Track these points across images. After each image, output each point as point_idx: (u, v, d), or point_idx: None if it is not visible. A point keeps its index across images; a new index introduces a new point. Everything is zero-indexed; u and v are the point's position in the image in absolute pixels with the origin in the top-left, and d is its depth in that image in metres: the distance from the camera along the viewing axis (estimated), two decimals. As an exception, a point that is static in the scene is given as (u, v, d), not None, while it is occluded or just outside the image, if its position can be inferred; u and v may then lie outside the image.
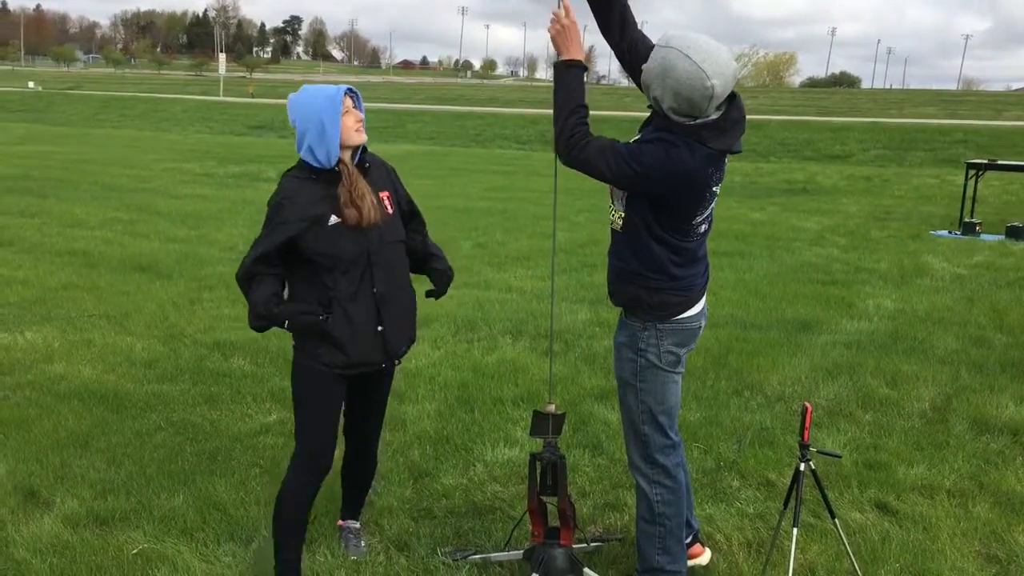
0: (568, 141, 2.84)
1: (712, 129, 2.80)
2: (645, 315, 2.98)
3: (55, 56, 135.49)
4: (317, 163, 2.96)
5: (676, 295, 2.96)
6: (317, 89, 2.98)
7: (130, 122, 36.02)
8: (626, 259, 3.00)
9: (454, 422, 4.81)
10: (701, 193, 2.86)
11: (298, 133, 2.97)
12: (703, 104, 2.74)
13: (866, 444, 4.57)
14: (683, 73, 2.70)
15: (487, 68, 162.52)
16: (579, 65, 2.90)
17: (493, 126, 30.70)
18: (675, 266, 2.94)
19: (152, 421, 4.79)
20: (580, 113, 2.86)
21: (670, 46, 2.74)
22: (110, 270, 8.44)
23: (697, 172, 2.79)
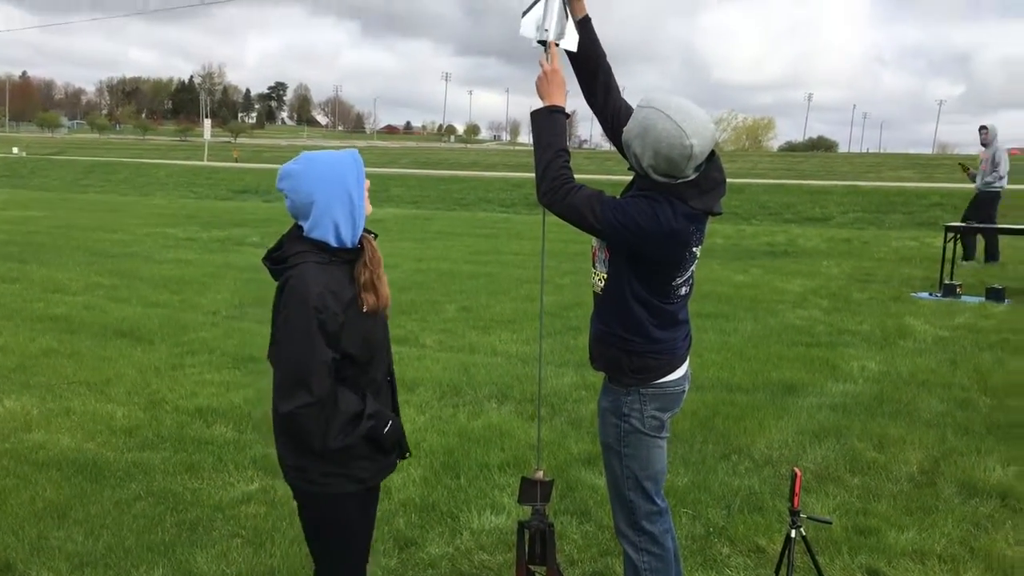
0: (552, 184, 2.85)
1: (692, 188, 2.84)
2: (626, 379, 2.98)
3: (40, 122, 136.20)
4: (339, 242, 2.56)
5: (656, 358, 2.96)
6: (334, 157, 2.59)
7: (114, 187, 36.07)
8: (607, 322, 3.00)
9: (440, 489, 4.74)
10: (682, 252, 2.89)
11: (315, 209, 2.52)
12: (682, 163, 2.78)
13: (855, 509, 4.54)
14: (663, 132, 2.75)
15: (470, 132, 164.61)
16: (561, 111, 2.94)
17: (477, 189, 30.92)
18: (656, 328, 2.94)
19: (132, 490, 4.70)
20: (563, 157, 2.89)
21: (651, 106, 2.80)
22: (91, 336, 8.36)
23: (679, 230, 2.82)
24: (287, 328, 2.47)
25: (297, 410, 2.44)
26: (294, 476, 2.64)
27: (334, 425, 2.50)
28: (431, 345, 8.14)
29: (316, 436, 2.49)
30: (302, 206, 2.54)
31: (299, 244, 2.56)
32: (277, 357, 2.49)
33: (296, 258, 2.53)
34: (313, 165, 2.54)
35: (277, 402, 2.47)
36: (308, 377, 2.44)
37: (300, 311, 2.44)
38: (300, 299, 2.45)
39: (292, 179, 2.55)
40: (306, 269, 2.50)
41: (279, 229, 2.87)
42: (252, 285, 11.42)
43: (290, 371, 2.46)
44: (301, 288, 2.46)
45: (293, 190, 2.54)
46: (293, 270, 2.51)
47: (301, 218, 2.57)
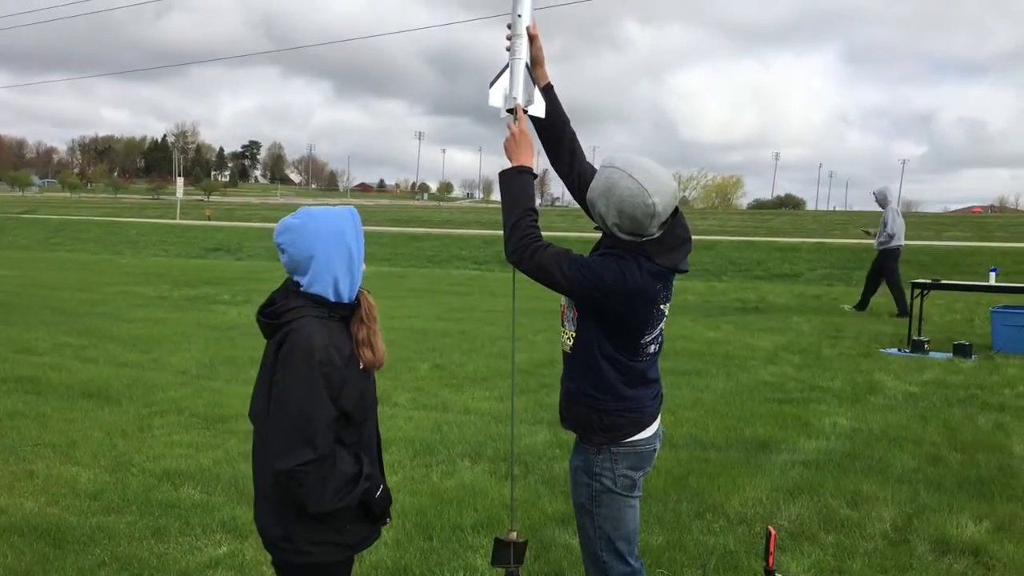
0: (520, 242, 2.88)
1: (658, 246, 2.89)
2: (596, 437, 2.99)
3: (10, 181, 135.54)
4: (337, 297, 2.53)
5: (625, 416, 2.97)
6: (333, 212, 2.57)
7: (85, 246, 35.84)
8: (576, 380, 3.02)
9: (412, 551, 4.67)
10: (649, 310, 2.91)
11: (315, 264, 2.49)
12: (645, 222, 2.83)
13: (830, 567, 4.52)
14: (625, 191, 2.80)
15: (443, 190, 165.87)
16: (528, 171, 2.98)
17: (450, 247, 31.07)
18: (625, 387, 2.96)
19: (96, 556, 4.58)
20: (531, 216, 2.92)
21: (613, 166, 2.87)
22: (58, 397, 8.22)
23: (645, 288, 2.85)
24: (291, 382, 2.39)
25: (298, 468, 2.36)
26: (280, 547, 2.54)
27: (331, 486, 2.43)
28: (404, 403, 8.08)
29: (313, 497, 2.41)
30: (301, 260, 2.50)
31: (296, 299, 2.51)
32: (278, 413, 2.40)
33: (294, 313, 2.48)
34: (313, 219, 2.52)
35: (276, 460, 2.37)
36: (313, 434, 2.37)
37: (305, 364, 2.38)
38: (305, 352, 2.39)
39: (291, 233, 2.51)
40: (308, 323, 2.45)
41: (250, 287, 2.88)
42: (223, 343, 11.33)
43: (294, 427, 2.38)
44: (305, 342, 2.40)
45: (292, 244, 2.51)
46: (293, 324, 2.45)
47: (299, 273, 2.53)
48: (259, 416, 2.55)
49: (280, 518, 2.50)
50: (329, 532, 2.52)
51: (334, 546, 2.54)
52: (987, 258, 22.12)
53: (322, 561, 2.54)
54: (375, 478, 2.61)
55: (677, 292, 16.58)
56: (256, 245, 32.83)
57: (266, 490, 2.53)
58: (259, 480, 2.56)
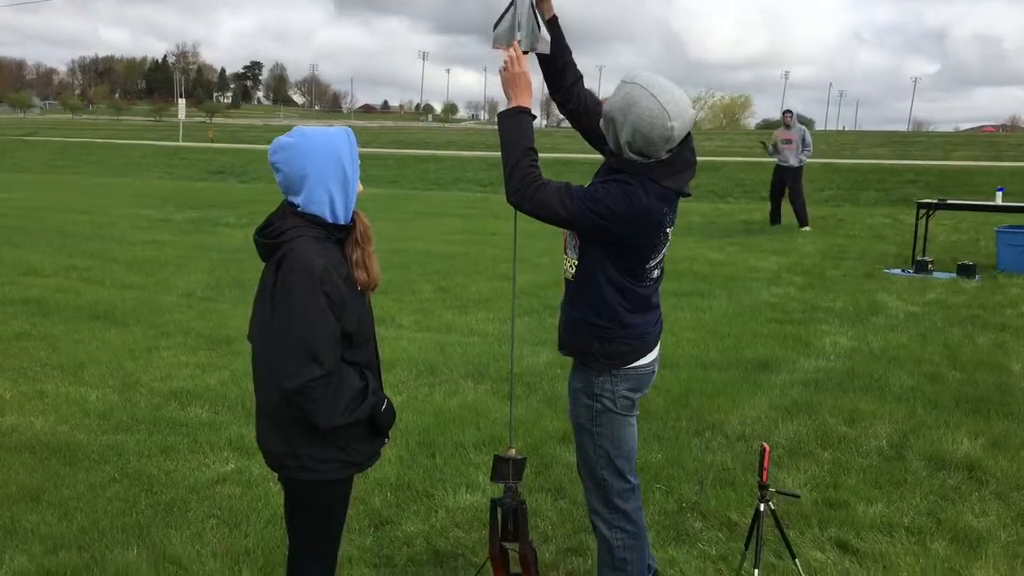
0: (521, 183, 2.84)
1: (665, 168, 2.86)
2: (597, 364, 3.00)
3: (11, 102, 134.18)
4: (334, 218, 2.52)
5: (627, 344, 2.98)
6: (328, 131, 2.55)
7: (88, 168, 35.67)
8: (578, 307, 3.02)
9: (415, 468, 4.77)
10: (656, 233, 2.90)
11: (309, 183, 2.47)
12: (659, 144, 2.79)
13: (826, 483, 4.60)
14: (645, 110, 2.75)
15: (448, 112, 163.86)
16: (527, 112, 2.94)
17: (454, 169, 30.84)
18: (627, 313, 2.96)
19: (106, 473, 4.69)
20: (531, 156, 2.88)
21: (635, 83, 2.80)
22: (65, 319, 8.30)
23: (652, 210, 2.83)
24: (293, 300, 2.39)
25: (307, 385, 2.37)
26: (286, 465, 2.57)
27: (340, 402, 2.45)
28: (407, 325, 8.14)
29: (323, 413, 2.43)
30: (295, 180, 2.49)
31: (293, 219, 2.50)
32: (283, 332, 2.40)
33: (292, 233, 2.46)
34: (307, 138, 2.50)
35: (285, 378, 2.38)
36: (318, 350, 2.38)
37: (306, 282, 2.38)
38: (305, 270, 2.39)
39: (285, 151, 2.50)
40: (307, 243, 2.44)
41: (254, 209, 2.86)
42: (228, 266, 11.37)
43: (299, 345, 2.38)
44: (305, 260, 2.40)
45: (286, 163, 2.49)
46: (291, 244, 2.44)
47: (293, 193, 2.52)
48: (259, 337, 2.56)
49: (285, 436, 2.53)
50: (334, 450, 2.53)
51: (339, 463, 2.56)
52: (996, 178, 21.92)
53: (327, 479, 2.56)
54: (380, 394, 2.64)
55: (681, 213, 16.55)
56: (260, 167, 32.63)
57: (268, 410, 2.56)
58: (261, 400, 2.59)
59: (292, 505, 2.68)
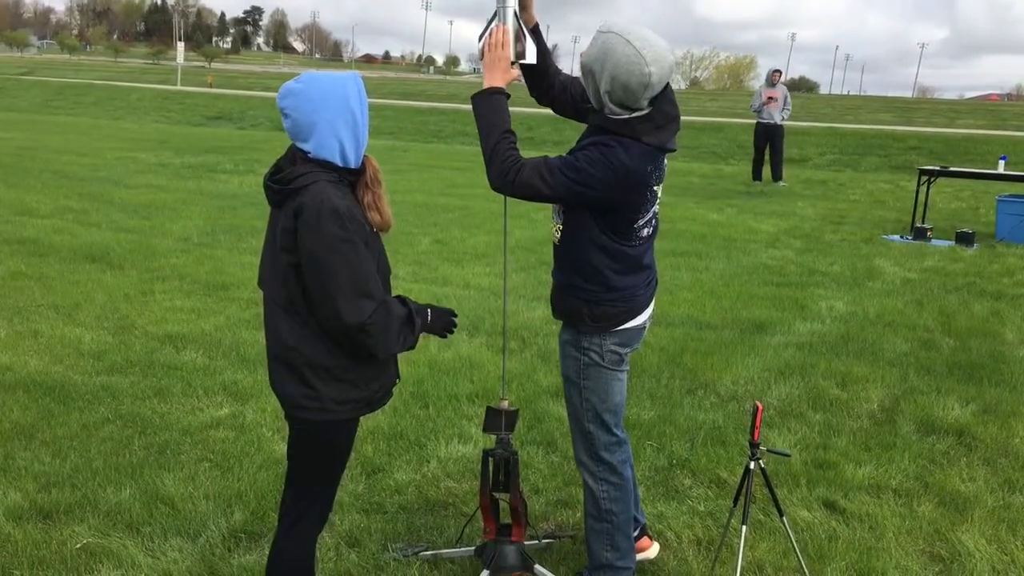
0: (501, 167, 2.80)
1: (646, 123, 2.82)
2: (586, 327, 2.99)
3: (8, 41, 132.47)
4: (344, 162, 2.52)
5: (616, 306, 2.97)
6: (337, 76, 2.54)
7: (85, 109, 35.35)
8: (566, 272, 3.01)
9: (408, 418, 4.79)
10: (642, 192, 2.87)
11: (319, 128, 2.47)
12: (639, 92, 2.76)
13: (816, 444, 4.64)
14: (622, 57, 2.72)
15: (450, 64, 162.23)
16: (501, 91, 2.88)
17: (455, 122, 30.59)
18: (615, 274, 2.94)
19: (100, 413, 4.70)
20: (509, 139, 2.83)
21: (611, 31, 2.78)
22: (60, 260, 8.27)
23: (635, 170, 2.79)
24: (329, 242, 2.39)
25: (369, 319, 2.41)
26: (305, 406, 2.57)
27: (392, 331, 2.49)
28: (404, 277, 8.13)
29: (381, 343, 2.47)
30: (304, 125, 2.47)
31: (305, 165, 2.49)
32: (326, 274, 2.41)
33: (306, 178, 2.46)
34: (316, 83, 2.48)
35: (346, 317, 2.39)
36: (367, 284, 2.42)
37: (336, 222, 2.39)
38: (332, 211, 2.39)
39: (294, 97, 2.48)
40: (324, 186, 2.44)
41: (252, 156, 2.85)
42: (225, 212, 11.32)
43: (349, 283, 2.40)
44: (329, 202, 2.40)
45: (295, 108, 2.47)
46: (308, 189, 2.44)
47: (301, 139, 2.51)
48: (271, 285, 2.56)
49: (303, 379, 2.54)
50: (352, 390, 2.57)
51: (355, 403, 2.59)
52: (999, 147, 21.80)
53: (342, 418, 2.60)
54: (423, 311, 2.66)
55: (682, 173, 16.45)
56: (259, 114, 32.37)
57: (282, 354, 2.56)
58: (274, 345, 2.59)
59: (302, 446, 2.68)
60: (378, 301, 2.45)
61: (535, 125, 26.32)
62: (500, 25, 2.96)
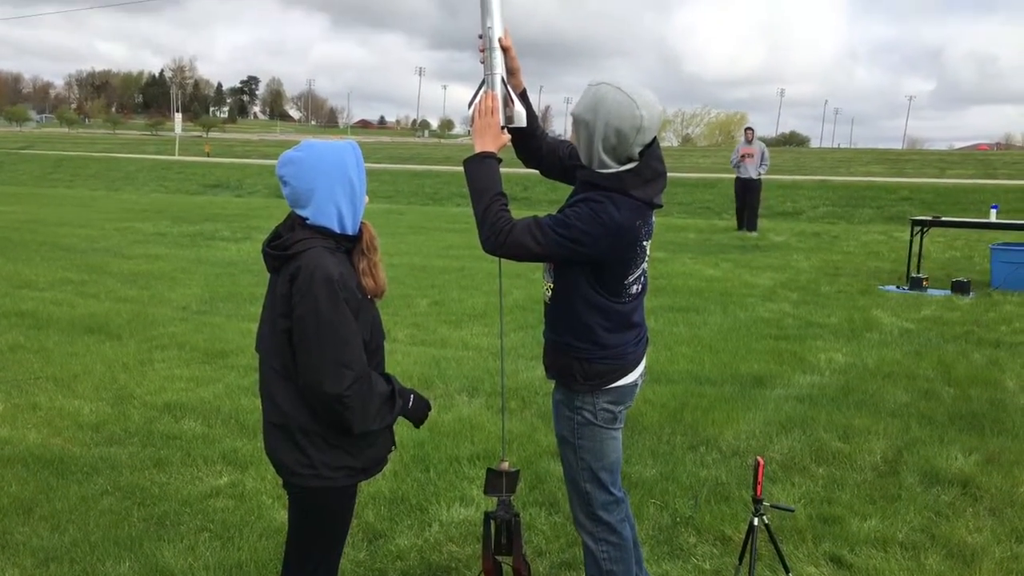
0: (492, 229, 2.82)
1: (634, 177, 2.86)
2: (578, 385, 2.99)
3: (8, 116, 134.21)
4: (342, 228, 2.57)
5: (607, 364, 2.97)
6: (335, 144, 2.60)
7: (84, 182, 35.67)
8: (557, 330, 3.02)
9: (409, 482, 4.75)
10: (632, 248, 2.89)
11: (317, 195, 2.52)
12: (631, 136, 2.81)
13: (820, 498, 4.60)
14: (613, 103, 2.79)
15: (444, 127, 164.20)
16: (492, 156, 2.93)
17: (450, 184, 30.86)
18: (605, 332, 2.94)
19: (98, 485, 4.67)
20: (500, 201, 2.86)
21: (602, 83, 2.86)
22: (59, 331, 8.28)
23: (625, 225, 2.82)
24: (319, 309, 2.43)
25: (345, 393, 2.42)
26: (299, 473, 2.57)
27: (372, 406, 2.51)
28: (402, 339, 8.13)
29: (358, 418, 2.48)
30: (303, 192, 2.53)
31: (303, 231, 2.54)
32: (314, 341, 2.44)
33: (303, 244, 2.51)
34: (315, 152, 2.55)
35: (325, 386, 2.41)
36: (348, 355, 2.44)
37: (328, 290, 2.43)
38: (325, 279, 2.43)
39: (294, 165, 2.55)
40: (320, 253, 2.49)
41: (250, 223, 2.89)
42: (223, 279, 11.37)
43: (332, 352, 2.42)
44: (323, 269, 2.45)
45: (294, 176, 2.54)
46: (305, 255, 2.49)
47: (300, 206, 2.56)
48: (267, 350, 2.59)
49: (297, 445, 2.55)
50: (345, 457, 2.57)
51: (350, 470, 2.59)
52: (990, 196, 22.00)
53: (338, 485, 2.59)
54: (405, 393, 2.69)
55: (676, 229, 16.53)
56: (256, 182, 32.67)
57: (277, 419, 2.58)
58: (270, 412, 2.61)
59: (300, 514, 2.67)
60: (359, 373, 2.46)
61: (530, 185, 26.58)
62: (489, 91, 3.02)
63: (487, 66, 3.03)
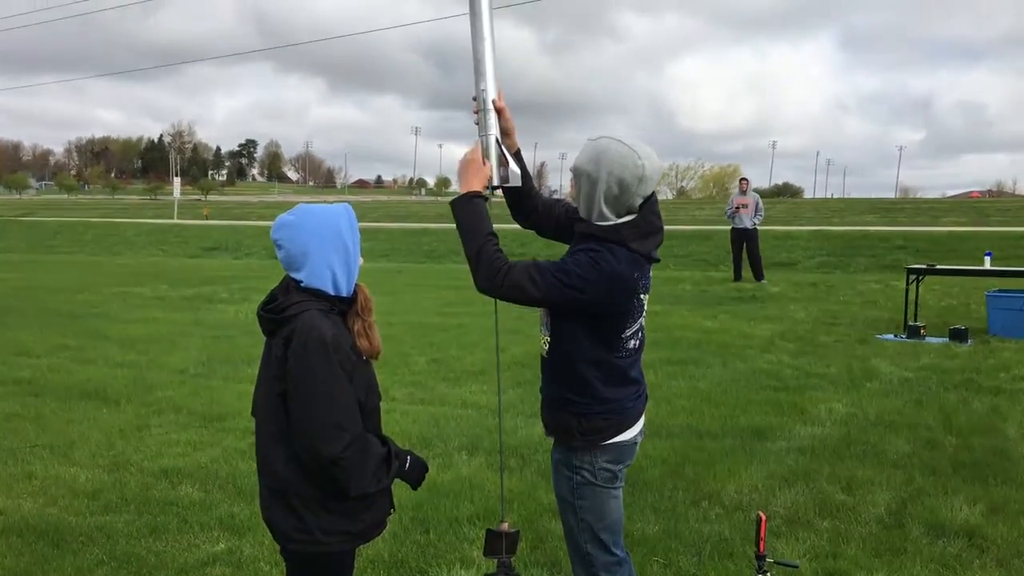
0: (489, 270, 2.81)
1: (632, 229, 2.88)
2: (576, 442, 2.96)
3: (7, 184, 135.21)
4: (336, 290, 2.59)
5: (606, 419, 2.95)
6: (328, 208, 2.63)
7: (83, 247, 35.84)
8: (554, 385, 3.01)
9: (409, 544, 4.70)
10: (629, 299, 2.89)
11: (311, 258, 2.55)
12: (633, 186, 2.84)
13: (825, 552, 4.54)
14: (616, 155, 2.84)
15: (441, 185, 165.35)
16: (479, 195, 2.94)
17: (447, 242, 31.01)
18: (603, 386, 2.92)
19: (94, 555, 4.60)
20: (493, 241, 2.87)
21: (602, 136, 2.91)
22: (56, 398, 8.24)
23: (623, 275, 2.83)
24: (313, 372, 2.43)
25: (340, 456, 2.41)
26: (294, 538, 2.56)
27: (368, 469, 2.50)
28: (400, 398, 8.10)
29: (355, 480, 2.47)
30: (297, 256, 2.56)
31: (298, 294, 2.56)
32: (307, 405, 2.44)
33: (298, 307, 2.52)
34: (309, 216, 2.58)
35: (320, 449, 2.41)
36: (346, 418, 2.44)
37: (322, 352, 2.43)
38: (319, 341, 2.44)
39: (287, 229, 2.57)
40: (314, 315, 2.50)
41: (248, 285, 2.90)
42: (221, 342, 11.35)
43: (327, 415, 2.42)
44: (316, 332, 2.45)
45: (288, 240, 2.57)
46: (299, 317, 2.49)
47: (295, 269, 2.58)
48: (263, 414, 2.59)
49: (292, 509, 2.53)
50: (342, 521, 2.55)
51: (346, 535, 2.57)
52: (984, 242, 22.12)
53: (335, 550, 2.57)
54: (401, 455, 2.68)
55: (673, 282, 16.55)
56: (254, 243, 32.83)
57: (273, 483, 2.57)
58: (265, 476, 2.59)
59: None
60: (354, 435, 2.45)
61: (527, 241, 26.68)
62: (477, 143, 3.05)
63: (481, 127, 3.07)
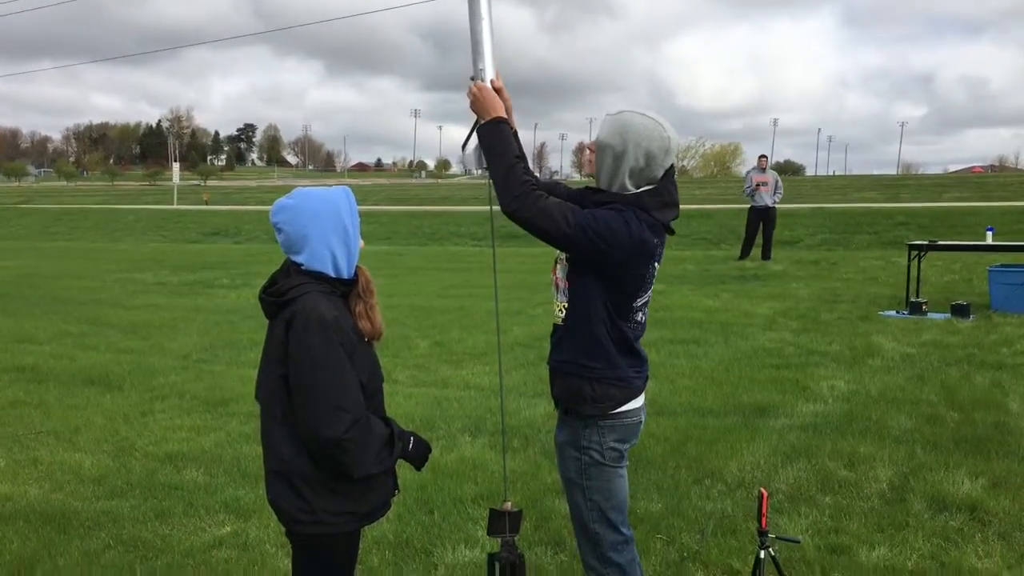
0: (520, 189, 2.80)
1: (655, 198, 2.90)
2: (587, 408, 2.97)
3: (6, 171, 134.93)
4: (336, 273, 2.60)
5: (617, 386, 2.96)
6: (327, 191, 2.64)
7: (83, 234, 35.81)
8: (568, 351, 3.00)
9: (414, 525, 4.72)
10: (648, 264, 2.91)
11: (311, 241, 2.56)
12: (660, 157, 2.87)
13: (827, 527, 4.57)
14: (641, 127, 2.86)
15: (441, 168, 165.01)
16: (505, 121, 2.94)
17: (448, 224, 30.98)
18: (616, 352, 2.94)
19: (101, 539, 4.63)
20: (521, 164, 2.88)
21: (623, 111, 2.93)
22: (59, 385, 8.27)
23: (646, 240, 2.85)
24: (314, 354, 2.44)
25: (343, 437, 2.42)
26: (299, 520, 2.57)
27: (371, 449, 2.50)
28: (403, 381, 8.12)
29: (356, 462, 2.47)
30: (297, 239, 2.56)
31: (298, 277, 2.57)
32: (309, 387, 2.44)
33: (299, 289, 2.53)
34: (307, 199, 2.58)
35: (320, 431, 2.42)
36: (348, 399, 2.44)
37: (323, 334, 2.44)
38: (320, 323, 2.45)
39: (287, 212, 2.58)
40: (315, 297, 2.51)
41: (249, 270, 2.89)
42: (223, 327, 11.37)
43: (328, 397, 2.43)
44: (317, 314, 2.46)
45: (287, 223, 2.57)
46: (300, 300, 2.50)
47: (294, 252, 2.59)
48: (267, 397, 2.59)
49: (298, 491, 2.55)
50: (347, 502, 2.56)
51: (351, 515, 2.58)
52: (986, 218, 22.07)
53: (340, 531, 2.59)
54: (404, 435, 2.69)
55: (675, 261, 16.55)
56: (254, 228, 32.80)
57: (278, 466, 2.58)
58: (270, 459, 2.60)
59: (304, 561, 2.67)
60: (356, 416, 2.45)
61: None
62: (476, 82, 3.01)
63: None
